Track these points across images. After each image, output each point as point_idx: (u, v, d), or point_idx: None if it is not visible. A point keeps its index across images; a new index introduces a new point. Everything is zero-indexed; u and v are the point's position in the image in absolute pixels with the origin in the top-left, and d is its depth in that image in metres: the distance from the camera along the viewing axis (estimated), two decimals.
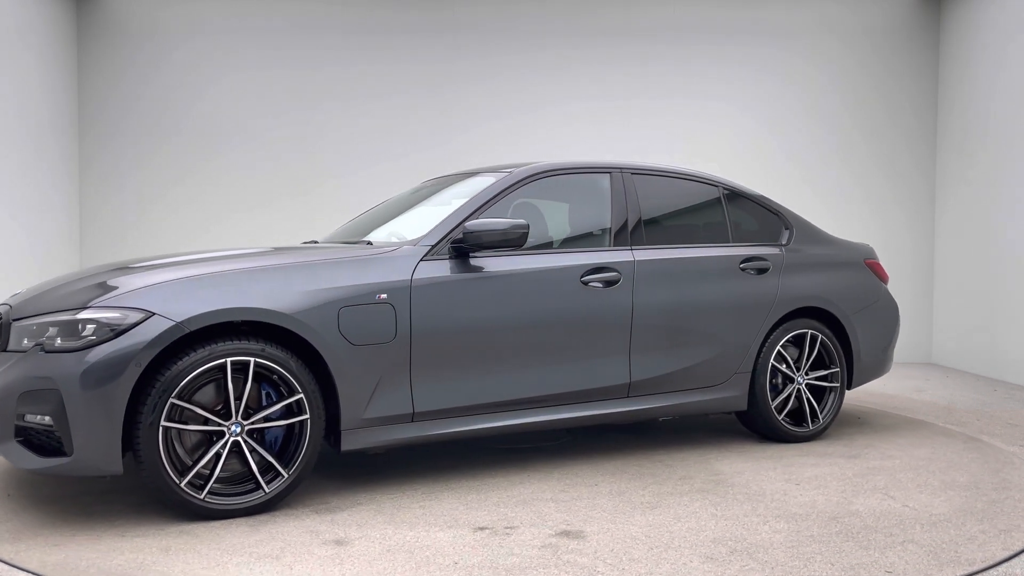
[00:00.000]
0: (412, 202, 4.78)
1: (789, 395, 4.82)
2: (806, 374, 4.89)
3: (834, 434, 5.06)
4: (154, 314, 3.24)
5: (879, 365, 5.35)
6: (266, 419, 3.44)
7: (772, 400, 4.76)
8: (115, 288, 3.35)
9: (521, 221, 3.92)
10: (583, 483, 3.93)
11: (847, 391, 5.30)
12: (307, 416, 3.48)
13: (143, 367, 3.18)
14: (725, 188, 4.96)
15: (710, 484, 3.92)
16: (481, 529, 3.25)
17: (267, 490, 3.42)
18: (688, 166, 5.20)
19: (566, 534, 3.20)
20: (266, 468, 3.45)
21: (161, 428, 3.21)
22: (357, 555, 2.96)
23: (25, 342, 3.31)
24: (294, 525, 3.29)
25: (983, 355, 7.77)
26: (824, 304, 4.96)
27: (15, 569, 2.82)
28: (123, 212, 8.12)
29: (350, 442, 3.64)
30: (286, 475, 3.46)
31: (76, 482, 3.86)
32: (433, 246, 3.92)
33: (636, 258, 4.39)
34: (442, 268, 3.89)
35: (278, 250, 3.99)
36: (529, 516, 3.42)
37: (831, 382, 4.98)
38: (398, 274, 3.76)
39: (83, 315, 3.24)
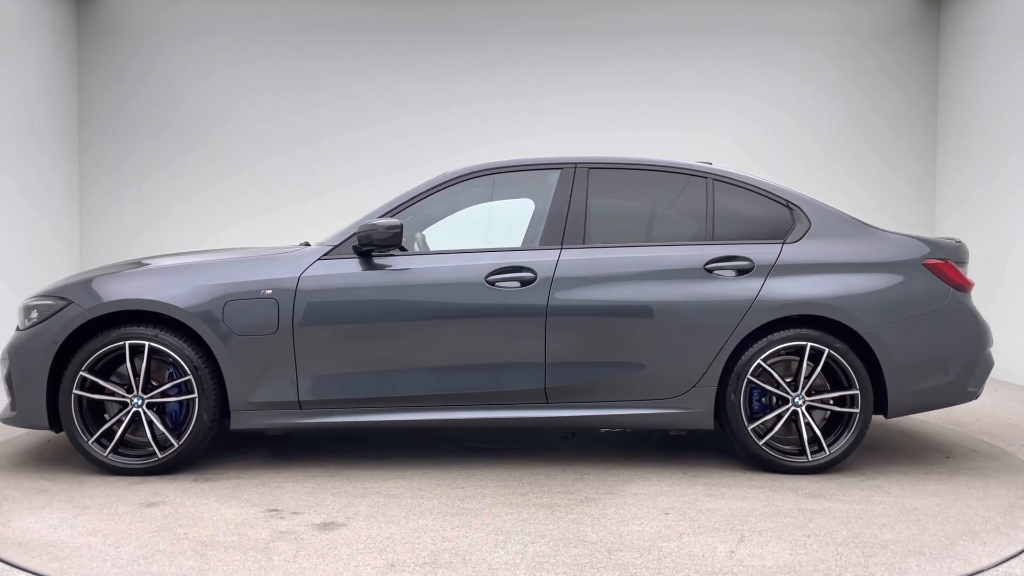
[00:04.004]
0: None
1: (780, 417, 4.13)
2: (807, 395, 4.14)
3: (860, 467, 4.20)
4: (72, 302, 4.02)
5: (946, 390, 4.26)
6: (163, 395, 4.03)
7: (751, 421, 4.13)
8: (69, 282, 4.21)
9: (394, 221, 4.02)
10: (452, 485, 3.88)
11: (886, 420, 4.34)
12: (195, 395, 4.00)
13: (59, 344, 3.99)
14: (717, 179, 4.38)
15: (574, 503, 3.61)
16: (272, 511, 3.48)
17: (160, 456, 4.01)
18: (676, 158, 4.58)
19: (325, 525, 3.29)
20: (166, 437, 4.04)
21: (73, 395, 3.98)
22: (140, 516, 3.39)
23: (24, 321, 4.32)
24: (151, 487, 3.82)
25: None
26: (831, 312, 4.12)
27: None
28: (123, 210, 8.40)
29: (239, 422, 4.08)
30: (176, 445, 4.02)
31: None
32: (336, 246, 4.19)
33: (562, 258, 4.15)
34: (340, 267, 4.14)
35: (198, 252, 4.59)
36: (332, 506, 3.54)
37: (850, 407, 4.14)
38: (287, 272, 4.10)
39: (40, 302, 4.13)
